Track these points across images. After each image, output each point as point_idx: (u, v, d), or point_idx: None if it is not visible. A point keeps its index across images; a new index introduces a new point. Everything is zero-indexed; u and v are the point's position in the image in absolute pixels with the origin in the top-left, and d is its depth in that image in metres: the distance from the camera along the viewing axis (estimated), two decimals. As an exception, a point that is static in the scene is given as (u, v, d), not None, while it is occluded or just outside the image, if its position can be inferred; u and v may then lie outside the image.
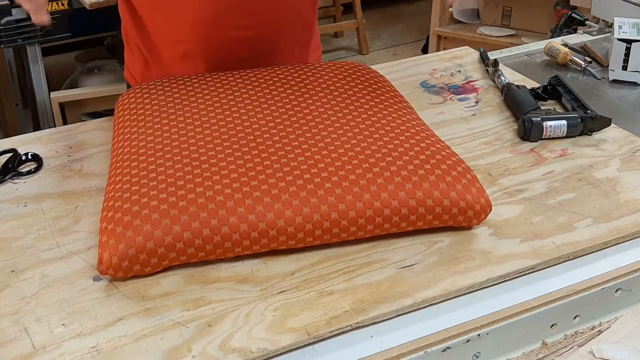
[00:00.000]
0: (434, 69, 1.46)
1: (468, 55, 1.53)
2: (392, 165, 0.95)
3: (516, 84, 1.31)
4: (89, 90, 2.87)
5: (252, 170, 0.93)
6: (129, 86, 1.42)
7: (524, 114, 1.20)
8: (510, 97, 1.29)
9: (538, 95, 1.31)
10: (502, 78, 1.35)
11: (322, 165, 0.94)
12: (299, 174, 0.93)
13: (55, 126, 2.50)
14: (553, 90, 1.32)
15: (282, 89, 1.14)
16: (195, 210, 0.88)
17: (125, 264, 0.86)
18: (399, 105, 1.12)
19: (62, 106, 2.79)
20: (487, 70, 1.43)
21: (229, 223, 0.88)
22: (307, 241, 0.91)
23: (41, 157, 1.14)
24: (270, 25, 1.27)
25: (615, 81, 1.43)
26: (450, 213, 0.93)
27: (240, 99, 1.11)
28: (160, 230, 0.86)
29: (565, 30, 1.89)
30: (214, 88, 1.15)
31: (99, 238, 0.89)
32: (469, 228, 0.97)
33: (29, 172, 1.11)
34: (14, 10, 2.56)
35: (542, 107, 1.24)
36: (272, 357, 0.79)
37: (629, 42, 1.41)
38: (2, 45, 2.57)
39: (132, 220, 0.88)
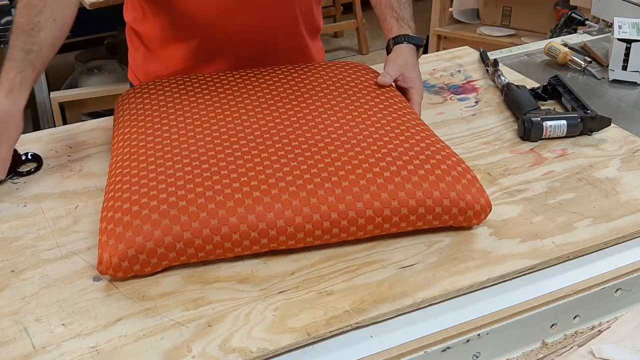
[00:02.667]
0: (434, 69, 1.46)
1: (468, 55, 1.53)
2: (392, 165, 0.95)
3: (516, 84, 1.31)
4: (89, 90, 2.87)
5: (252, 170, 0.93)
6: (132, 87, 1.42)
7: (524, 114, 1.20)
8: (510, 97, 1.29)
9: (538, 95, 1.31)
10: (502, 78, 1.35)
11: (322, 166, 0.94)
12: (299, 174, 0.93)
13: (55, 126, 2.49)
14: (553, 90, 1.32)
15: (282, 89, 1.14)
16: (195, 210, 0.88)
17: (125, 264, 0.86)
18: (399, 105, 1.12)
19: (62, 106, 2.79)
20: (487, 70, 1.43)
21: (229, 223, 0.88)
22: (307, 241, 0.91)
23: (41, 157, 1.14)
24: (274, 26, 1.28)
25: (615, 81, 1.43)
26: (450, 213, 0.93)
27: (240, 99, 1.11)
28: (160, 230, 0.86)
29: (565, 30, 1.88)
30: (213, 88, 1.15)
31: (98, 238, 0.89)
32: (469, 228, 0.97)
33: (29, 172, 1.11)
34: (14, 11, 2.56)
35: (542, 107, 1.24)
36: (272, 357, 0.79)
37: (629, 42, 1.41)
38: (2, 45, 2.57)
39: (132, 220, 0.88)
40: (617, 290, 0.92)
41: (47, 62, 1.10)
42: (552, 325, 0.89)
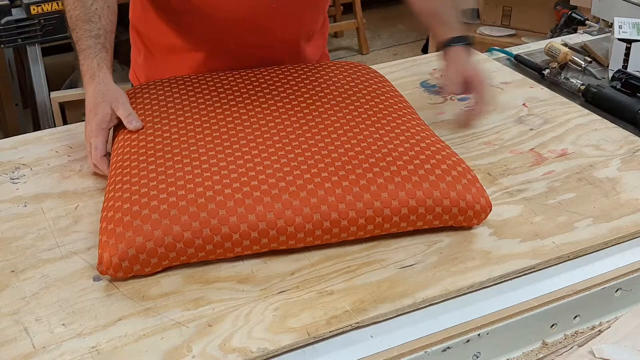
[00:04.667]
0: (434, 69, 1.46)
1: (468, 55, 1.52)
2: (392, 165, 0.95)
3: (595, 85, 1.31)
4: (89, 90, 2.86)
5: (252, 170, 0.93)
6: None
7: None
8: (604, 97, 1.29)
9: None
10: (574, 81, 1.35)
11: (322, 165, 0.94)
12: (299, 174, 0.93)
13: (55, 126, 2.49)
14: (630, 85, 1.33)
15: (283, 89, 1.14)
16: (195, 210, 0.88)
17: (125, 264, 0.86)
18: (399, 105, 1.12)
19: (62, 106, 2.78)
20: (546, 71, 1.42)
21: (229, 223, 0.88)
22: (307, 241, 0.91)
23: None
24: (282, 46, 1.27)
25: (615, 81, 1.43)
26: (450, 213, 0.93)
27: (241, 99, 1.11)
28: (160, 230, 0.86)
29: (565, 30, 1.88)
30: (214, 88, 1.14)
31: (99, 238, 0.89)
32: (469, 228, 0.97)
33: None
34: (14, 10, 2.55)
35: None
36: (272, 357, 0.79)
37: (629, 42, 1.41)
38: (2, 45, 2.57)
39: (132, 220, 0.88)
40: (617, 290, 0.92)
41: (112, 47, 1.13)
42: (552, 325, 0.89)
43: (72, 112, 2.83)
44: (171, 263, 0.89)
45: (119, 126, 1.09)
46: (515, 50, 1.57)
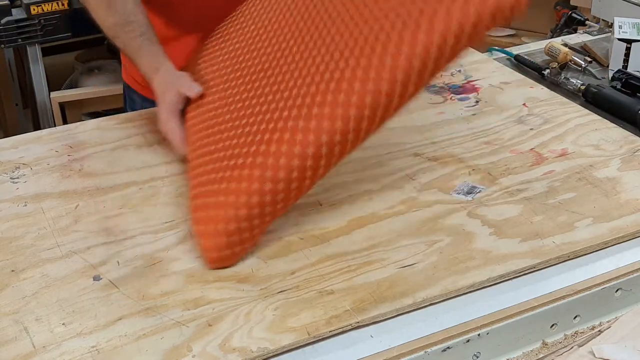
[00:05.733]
0: (434, 69, 1.46)
1: (468, 55, 1.53)
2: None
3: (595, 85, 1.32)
4: (89, 90, 2.86)
5: (276, 109, 0.94)
6: (126, 88, 1.42)
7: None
8: (604, 97, 1.30)
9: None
10: (575, 81, 1.36)
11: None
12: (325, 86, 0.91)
13: (55, 126, 2.49)
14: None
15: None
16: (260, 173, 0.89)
17: (233, 239, 0.89)
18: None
19: (62, 106, 2.78)
20: (547, 71, 1.42)
21: (290, 166, 0.88)
22: (360, 138, 0.90)
23: None
24: None
25: (615, 81, 1.43)
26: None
27: (268, 49, 1.09)
28: (245, 195, 0.88)
29: (565, 30, 1.88)
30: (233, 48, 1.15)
31: (195, 228, 0.93)
32: (468, 223, 0.97)
33: None
34: (14, 10, 2.55)
35: None
36: (272, 356, 0.79)
37: (629, 42, 1.41)
38: (2, 45, 2.57)
39: (220, 200, 0.91)
40: (617, 290, 0.92)
41: (156, 37, 1.16)
42: (552, 325, 0.89)
43: (72, 112, 2.82)
44: (265, 222, 0.91)
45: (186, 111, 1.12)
46: (515, 50, 1.58)
